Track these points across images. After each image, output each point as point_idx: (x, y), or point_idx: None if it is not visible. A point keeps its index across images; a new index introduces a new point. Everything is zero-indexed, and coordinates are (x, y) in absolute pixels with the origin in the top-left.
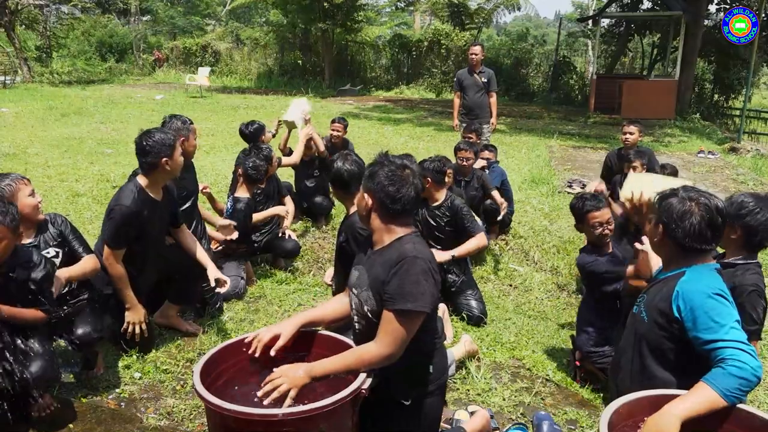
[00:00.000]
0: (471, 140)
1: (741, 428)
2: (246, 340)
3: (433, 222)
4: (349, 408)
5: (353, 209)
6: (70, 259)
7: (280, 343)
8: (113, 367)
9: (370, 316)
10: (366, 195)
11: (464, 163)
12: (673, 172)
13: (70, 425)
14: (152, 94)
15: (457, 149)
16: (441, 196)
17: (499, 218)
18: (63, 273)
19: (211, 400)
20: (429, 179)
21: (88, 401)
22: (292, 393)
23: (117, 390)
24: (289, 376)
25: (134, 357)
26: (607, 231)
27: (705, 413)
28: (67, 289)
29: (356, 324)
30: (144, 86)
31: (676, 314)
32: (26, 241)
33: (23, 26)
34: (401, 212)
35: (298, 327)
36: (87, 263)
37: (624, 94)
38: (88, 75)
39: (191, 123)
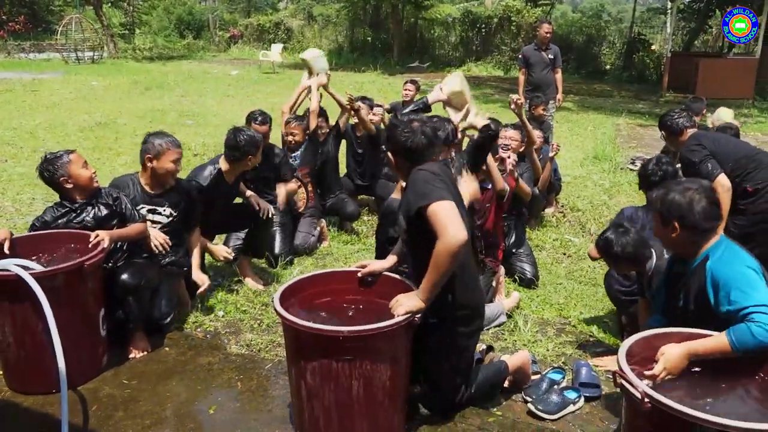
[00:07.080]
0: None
1: None
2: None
3: None
4: (404, 332)
5: (395, 194)
6: (185, 218)
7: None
8: (198, 309)
9: (406, 235)
10: (390, 154)
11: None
12: (736, 134)
13: (167, 348)
14: (228, 70)
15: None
16: None
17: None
18: (114, 233)
19: (287, 317)
20: None
21: (180, 332)
22: (400, 310)
23: (204, 325)
24: (402, 300)
25: (218, 298)
26: None
27: (711, 356)
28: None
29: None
30: (220, 62)
31: (713, 299)
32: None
33: (109, 4)
34: (420, 159)
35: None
36: (135, 227)
37: (700, 72)
38: (168, 51)
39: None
